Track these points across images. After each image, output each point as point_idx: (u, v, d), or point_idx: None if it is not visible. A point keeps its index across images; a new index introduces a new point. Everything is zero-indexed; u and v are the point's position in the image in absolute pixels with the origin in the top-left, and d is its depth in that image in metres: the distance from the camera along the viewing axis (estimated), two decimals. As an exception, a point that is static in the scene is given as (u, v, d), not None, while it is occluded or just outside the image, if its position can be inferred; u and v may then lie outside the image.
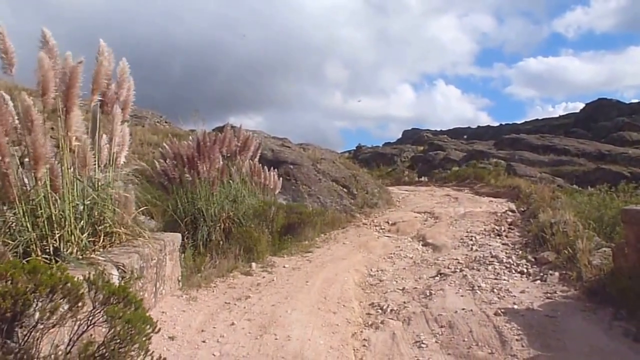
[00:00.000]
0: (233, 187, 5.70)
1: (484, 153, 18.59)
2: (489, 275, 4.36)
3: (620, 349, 2.59)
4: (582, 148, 22.89)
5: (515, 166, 13.48)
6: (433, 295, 3.81)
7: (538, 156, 20.31)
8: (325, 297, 3.64)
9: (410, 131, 36.78)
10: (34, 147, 2.32)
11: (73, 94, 2.50)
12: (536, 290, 3.84)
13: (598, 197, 6.76)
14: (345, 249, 5.92)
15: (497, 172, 12.63)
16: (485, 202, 9.99)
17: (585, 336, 2.81)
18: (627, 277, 3.18)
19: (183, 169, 5.20)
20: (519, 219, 7.63)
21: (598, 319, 3.06)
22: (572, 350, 2.62)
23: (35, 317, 1.43)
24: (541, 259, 4.72)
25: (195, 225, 5.07)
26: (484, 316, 3.19)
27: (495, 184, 11.63)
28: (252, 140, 6.01)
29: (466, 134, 33.37)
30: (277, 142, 9.59)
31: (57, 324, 1.42)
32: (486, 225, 7.41)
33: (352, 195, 8.64)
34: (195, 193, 5.20)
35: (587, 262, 3.93)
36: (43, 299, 1.36)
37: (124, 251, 2.47)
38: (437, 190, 12.38)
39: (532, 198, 8.45)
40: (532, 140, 21.18)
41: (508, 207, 9.00)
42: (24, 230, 2.37)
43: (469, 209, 8.86)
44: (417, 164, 18.88)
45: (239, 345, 2.50)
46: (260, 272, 4.34)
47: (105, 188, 2.76)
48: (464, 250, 5.71)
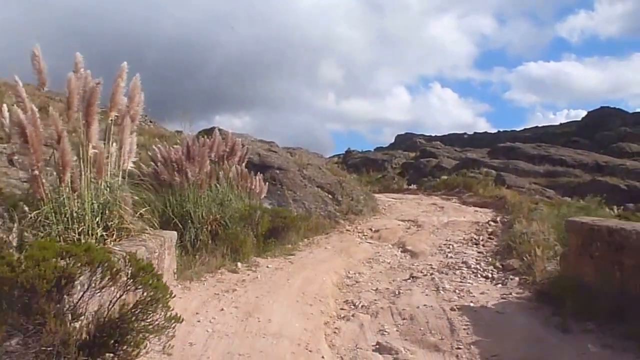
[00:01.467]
0: (220, 191, 6.39)
1: (477, 162, 19.47)
2: (456, 278, 5.13)
3: (548, 337, 3.35)
4: (579, 159, 23.91)
5: (505, 176, 14.35)
6: (401, 294, 4.56)
7: (533, 166, 21.24)
8: (303, 292, 4.36)
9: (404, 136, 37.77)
10: (62, 155, 3.02)
11: (93, 111, 3.19)
12: (495, 292, 4.61)
13: (568, 208, 7.58)
14: (326, 253, 6.65)
15: (485, 182, 13.47)
16: (471, 211, 10.79)
17: (523, 328, 3.57)
18: (567, 279, 3.96)
19: (172, 172, 5.88)
20: (499, 229, 8.44)
21: (539, 315, 3.83)
22: (508, 337, 3.37)
23: (87, 283, 2.14)
24: (507, 266, 5.50)
25: (183, 226, 5.75)
26: (441, 311, 3.95)
27: (483, 194, 12.46)
28: (240, 145, 6.72)
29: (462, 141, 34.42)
30: (264, 146, 10.30)
31: (103, 288, 2.12)
32: (466, 234, 8.20)
33: (337, 202, 9.37)
34: (183, 196, 5.88)
35: (543, 267, 4.71)
36: (94, 270, 2.07)
37: (132, 244, 3.16)
38: (425, 199, 13.18)
39: (514, 209, 9.27)
40: (527, 150, 22.15)
41: (492, 217, 9.81)
42: (51, 223, 3.06)
43: (453, 218, 9.66)
44: (408, 170, 19.72)
45: (228, 325, 3.22)
46: (246, 270, 5.05)
47: (115, 190, 3.46)
48: (439, 257, 6.48)
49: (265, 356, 2.81)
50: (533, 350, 3.12)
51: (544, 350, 3.12)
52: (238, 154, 6.64)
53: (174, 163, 5.81)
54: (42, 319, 1.95)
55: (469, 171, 15.84)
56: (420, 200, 13.03)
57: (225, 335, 3.06)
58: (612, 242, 3.44)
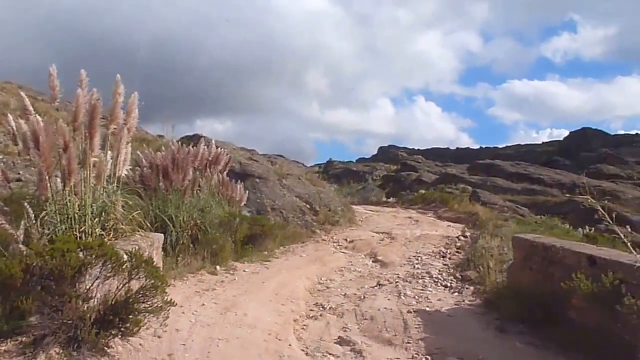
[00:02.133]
0: (202, 198, 6.96)
1: (456, 177, 20.35)
2: (418, 286, 5.78)
3: (486, 336, 4.01)
4: (557, 178, 25.03)
5: (480, 193, 15.17)
6: (366, 299, 5.19)
7: (511, 184, 22.22)
8: (277, 294, 4.96)
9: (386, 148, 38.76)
10: (69, 163, 3.58)
11: (95, 124, 3.76)
12: (450, 299, 5.27)
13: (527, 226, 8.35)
14: (301, 260, 7.25)
15: (461, 198, 14.26)
16: (444, 226, 11.52)
17: (467, 328, 4.23)
18: (510, 288, 4.64)
19: (157, 178, 6.42)
20: (467, 244, 9.15)
21: (483, 319, 4.49)
22: (452, 335, 4.02)
23: (97, 272, 2.71)
24: (465, 277, 6.18)
25: (165, 230, 6.29)
26: (399, 313, 4.58)
27: (458, 210, 13.23)
28: (223, 155, 7.30)
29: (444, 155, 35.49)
30: (245, 155, 10.89)
31: (112, 276, 2.70)
32: (436, 247, 8.88)
33: (314, 212, 10.00)
34: (166, 201, 6.43)
35: (494, 278, 5.40)
36: (106, 261, 2.65)
37: (127, 243, 3.72)
38: (402, 212, 13.90)
39: (483, 225, 10.02)
40: (506, 167, 23.15)
41: (462, 232, 10.54)
42: (55, 223, 3.61)
43: (426, 231, 10.36)
44: (388, 183, 20.48)
45: (209, 317, 3.80)
46: (224, 273, 5.62)
47: (111, 194, 4.02)
48: (407, 268, 7.12)
49: (242, 342, 3.40)
50: (471, 346, 3.77)
51: (480, 346, 3.77)
52: (221, 164, 7.22)
53: (159, 169, 6.36)
54: (64, 299, 2.52)
55: (446, 186, 16.64)
56: (397, 213, 13.75)
57: (207, 325, 3.64)
58: (546, 256, 4.13)
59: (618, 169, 29.87)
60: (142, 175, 6.27)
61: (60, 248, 2.45)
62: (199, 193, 6.92)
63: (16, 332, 2.64)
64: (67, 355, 2.55)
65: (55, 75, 3.69)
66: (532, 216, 15.96)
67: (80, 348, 2.58)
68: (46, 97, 11.67)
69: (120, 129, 4.12)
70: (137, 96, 4.21)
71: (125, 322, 2.70)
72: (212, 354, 3.13)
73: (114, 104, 4.00)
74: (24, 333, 2.64)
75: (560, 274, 3.89)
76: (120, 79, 4.05)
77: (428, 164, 24.10)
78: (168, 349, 3.08)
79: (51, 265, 2.37)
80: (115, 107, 3.97)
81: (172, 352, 3.04)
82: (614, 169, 29.94)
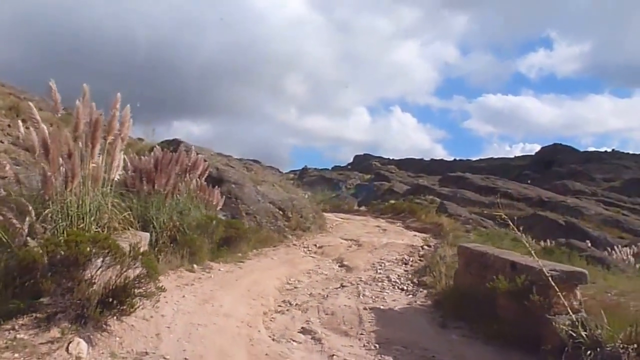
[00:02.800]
0: (181, 201, 7.55)
1: (427, 188, 21.29)
2: (377, 289, 6.50)
3: (429, 330, 4.75)
4: (524, 193, 26.27)
5: (447, 205, 16.08)
6: (329, 297, 5.87)
7: (479, 197, 23.32)
8: (249, 290, 5.61)
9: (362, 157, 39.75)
10: (73, 167, 4.17)
11: (97, 136, 4.36)
12: (404, 300, 6.00)
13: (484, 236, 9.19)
14: (272, 262, 7.90)
15: (429, 209, 15.11)
16: (410, 235, 12.31)
17: (413, 324, 4.95)
18: (454, 290, 5.40)
19: (141, 181, 6.99)
20: (430, 252, 9.94)
21: (430, 316, 5.22)
22: (400, 329, 4.74)
23: (99, 262, 3.33)
24: (421, 282, 6.92)
25: (146, 230, 6.84)
26: (356, 309, 5.28)
27: (425, 220, 14.06)
28: (202, 162, 7.92)
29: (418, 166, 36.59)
30: (222, 161, 11.48)
31: (112, 266, 3.32)
32: (400, 255, 9.63)
33: (287, 218, 10.65)
34: (147, 203, 7.00)
35: (444, 282, 6.15)
36: (109, 252, 3.27)
37: (120, 239, 4.32)
38: (371, 221, 14.66)
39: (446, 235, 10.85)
40: (476, 180, 24.25)
41: (427, 241, 11.35)
42: (57, 220, 4.19)
43: (392, 240, 11.12)
44: (361, 192, 21.27)
45: (189, 307, 4.42)
46: (201, 271, 6.23)
47: (106, 196, 4.61)
48: (370, 272, 7.83)
49: (218, 327, 4.04)
50: (414, 338, 4.49)
51: (422, 338, 4.49)
52: (200, 169, 7.83)
53: (143, 173, 6.93)
54: (74, 282, 3.13)
55: (416, 197, 17.50)
56: (367, 221, 14.51)
57: (187, 313, 4.27)
58: (481, 262, 4.89)
59: (583, 186, 31.43)
60: (127, 179, 6.81)
61: (74, 240, 3.06)
62: (179, 197, 7.50)
63: (31, 310, 3.24)
64: (75, 330, 3.16)
65: (56, 89, 4.29)
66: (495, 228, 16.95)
67: (86, 324, 3.19)
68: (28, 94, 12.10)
69: (115, 138, 4.72)
70: (129, 110, 4.82)
71: (122, 304, 3.32)
72: (192, 335, 3.76)
73: (111, 117, 4.60)
74: (37, 311, 3.24)
75: (490, 277, 4.64)
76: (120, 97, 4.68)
77: (401, 175, 25.05)
78: (155, 329, 3.70)
79: (68, 254, 2.98)
80: (113, 120, 4.58)
81: (159, 332, 3.66)
82: (580, 185, 31.46)
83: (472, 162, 41.24)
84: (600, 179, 40.86)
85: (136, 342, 3.40)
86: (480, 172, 34.59)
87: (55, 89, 4.34)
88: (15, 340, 2.95)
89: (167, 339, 3.56)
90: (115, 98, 4.67)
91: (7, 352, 2.81)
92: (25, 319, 3.19)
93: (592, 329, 3.55)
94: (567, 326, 3.59)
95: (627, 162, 41.80)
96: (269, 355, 3.70)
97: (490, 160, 42.27)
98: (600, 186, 38.59)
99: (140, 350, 3.30)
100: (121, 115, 4.86)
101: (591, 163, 42.70)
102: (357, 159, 39.20)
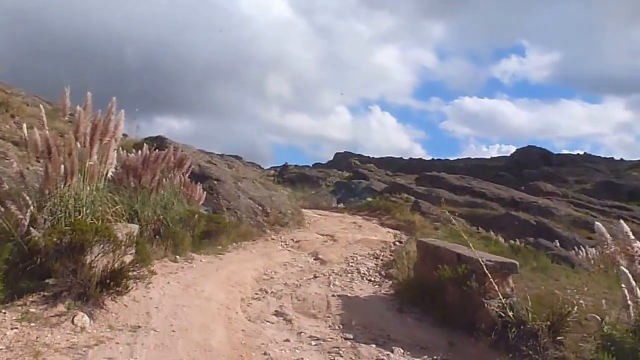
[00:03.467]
0: (165, 196, 8.07)
1: (404, 187, 22.04)
2: (346, 279, 7.13)
3: (387, 314, 5.39)
4: (498, 193, 27.22)
5: (421, 203, 16.81)
6: (302, 286, 6.49)
7: (454, 196, 24.16)
8: (228, 279, 6.19)
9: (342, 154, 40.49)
10: (72, 164, 4.70)
11: (95, 138, 4.89)
12: (370, 289, 6.64)
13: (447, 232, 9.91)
14: (251, 255, 8.48)
15: (403, 207, 15.84)
16: (384, 232, 13.00)
17: (375, 309, 5.60)
18: (413, 280, 6.06)
19: (127, 176, 7.49)
20: (401, 248, 10.63)
21: (390, 303, 5.87)
22: (362, 313, 5.37)
23: (100, 249, 3.88)
24: (388, 274, 7.58)
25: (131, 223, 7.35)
26: (325, 297, 5.91)
27: (399, 218, 14.77)
28: (187, 159, 8.45)
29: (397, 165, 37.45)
30: (204, 157, 12.01)
31: (110, 252, 3.88)
32: (372, 250, 10.29)
33: (265, 214, 11.23)
34: (133, 197, 7.51)
35: (407, 274, 6.81)
36: (108, 240, 3.82)
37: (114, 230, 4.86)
38: (348, 218, 15.33)
39: (416, 232, 11.56)
40: (451, 180, 25.10)
41: (400, 238, 12.04)
42: (57, 211, 4.72)
43: (366, 236, 11.78)
44: (340, 189, 21.93)
45: (174, 291, 4.99)
46: (183, 261, 6.78)
47: (100, 190, 5.15)
48: (343, 265, 8.47)
49: (200, 308, 4.63)
50: (374, 320, 5.13)
51: (380, 320, 5.14)
52: (184, 167, 8.36)
53: (131, 169, 7.44)
54: (78, 265, 3.68)
55: (392, 195, 18.21)
56: (344, 218, 15.16)
57: (173, 296, 4.84)
58: (435, 255, 5.56)
59: (555, 187, 32.61)
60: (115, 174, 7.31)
61: (80, 229, 3.61)
62: (163, 192, 8.02)
63: (39, 289, 3.78)
64: (77, 306, 3.72)
65: (67, 95, 4.82)
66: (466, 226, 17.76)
67: (87, 301, 3.75)
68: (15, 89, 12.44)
69: (110, 139, 5.26)
70: (123, 114, 5.36)
71: (118, 286, 3.88)
72: (177, 314, 4.33)
73: (106, 121, 5.13)
74: (44, 290, 3.79)
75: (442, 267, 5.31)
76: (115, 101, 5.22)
77: (379, 173, 25.81)
78: (145, 309, 4.26)
79: (75, 240, 3.53)
80: (108, 124, 5.11)
81: (148, 311, 4.23)
82: (551, 186, 32.61)
83: (451, 161, 42.35)
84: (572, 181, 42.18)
85: (130, 318, 3.97)
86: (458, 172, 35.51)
87: (67, 94, 4.87)
88: (28, 314, 3.50)
89: (156, 316, 4.13)
90: (111, 102, 5.19)
91: (23, 322, 3.36)
92: (35, 296, 3.74)
93: (518, 311, 4.23)
94: (498, 308, 4.26)
95: (598, 165, 43.35)
96: (245, 331, 4.31)
97: (467, 161, 43.42)
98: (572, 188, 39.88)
99: (134, 324, 3.86)
100: (116, 119, 5.38)
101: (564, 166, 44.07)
102: (337, 157, 39.98)
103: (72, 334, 3.40)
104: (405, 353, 4.23)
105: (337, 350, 4.15)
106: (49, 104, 14.46)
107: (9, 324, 3.31)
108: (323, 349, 4.19)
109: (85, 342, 3.33)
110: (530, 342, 3.99)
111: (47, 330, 3.35)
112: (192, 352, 3.54)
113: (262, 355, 3.83)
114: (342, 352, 4.13)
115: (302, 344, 4.30)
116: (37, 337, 3.21)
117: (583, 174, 41.22)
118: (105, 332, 3.60)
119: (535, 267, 9.32)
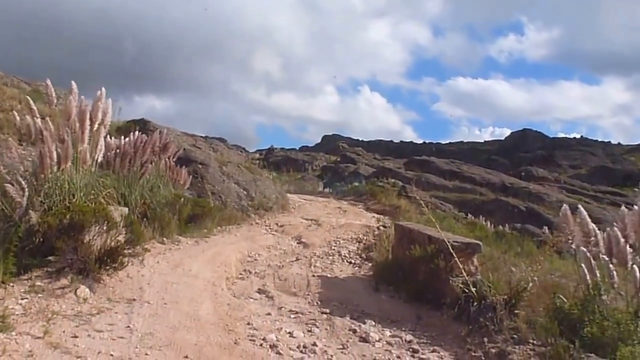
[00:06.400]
0: (150, 180, 8.63)
1: (392, 171, 22.73)
2: (327, 261, 7.79)
3: (363, 292, 6.06)
4: (488, 178, 28.03)
5: (408, 188, 17.52)
6: (284, 268, 7.13)
7: (443, 181, 24.94)
8: (214, 260, 6.81)
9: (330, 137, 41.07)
10: (65, 150, 5.25)
11: (85, 125, 5.44)
12: (349, 271, 7.31)
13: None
14: (235, 238, 9.09)
15: (389, 192, 16.53)
16: (369, 217, 13.68)
17: (352, 288, 6.26)
18: (389, 261, 6.73)
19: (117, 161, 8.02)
20: (384, 232, 11.31)
21: (367, 283, 6.54)
22: (340, 291, 6.03)
23: (97, 229, 4.47)
24: (368, 257, 8.25)
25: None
26: (305, 277, 6.56)
27: (385, 202, 15.46)
28: (172, 144, 9.00)
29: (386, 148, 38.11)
30: (189, 141, 12.53)
31: (106, 232, 4.47)
32: (356, 234, 10.95)
33: (250, 198, 11.84)
34: (121, 181, 8.06)
35: (386, 256, 7.48)
36: (105, 220, 4.41)
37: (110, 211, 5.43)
38: (333, 202, 15.98)
39: (401, 217, 12.25)
40: (440, 165, 25.85)
41: (384, 223, 12.73)
42: (52, 195, 5.27)
43: (350, 220, 12.44)
44: (327, 174, 22.57)
45: (163, 269, 5.60)
46: (170, 244, 7.39)
47: (92, 174, 5.71)
48: (325, 249, 9.12)
49: (188, 285, 5.25)
50: (350, 297, 5.79)
51: (357, 297, 5.80)
52: (169, 151, 8.91)
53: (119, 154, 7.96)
54: (78, 243, 4.27)
55: (379, 180, 18.88)
56: (329, 203, 15.81)
57: (162, 274, 5.45)
58: (410, 237, 6.22)
59: (547, 172, 33.53)
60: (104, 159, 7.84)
61: (80, 210, 4.18)
62: (149, 176, 8.57)
63: (42, 265, 4.37)
64: (78, 280, 4.31)
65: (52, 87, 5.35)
66: (453, 212, 18.53)
67: (87, 276, 4.34)
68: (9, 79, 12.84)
69: (99, 126, 5.80)
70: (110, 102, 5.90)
71: (114, 262, 4.48)
72: (168, 289, 4.95)
73: (95, 109, 5.67)
74: (47, 266, 4.38)
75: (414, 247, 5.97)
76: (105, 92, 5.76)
77: (367, 157, 26.46)
78: (138, 284, 4.87)
79: (76, 220, 4.11)
80: (97, 111, 5.65)
81: (141, 286, 4.84)
82: (544, 171, 33.51)
83: (442, 145, 43.13)
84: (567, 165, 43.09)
85: (125, 291, 4.58)
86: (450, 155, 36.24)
87: (51, 86, 5.39)
88: (34, 287, 4.09)
89: (148, 291, 4.75)
90: (100, 92, 5.73)
91: (31, 294, 3.96)
92: (39, 272, 4.33)
93: (481, 287, 4.91)
94: (462, 285, 4.94)
95: (594, 149, 44.36)
96: (230, 304, 4.94)
97: (460, 144, 44.23)
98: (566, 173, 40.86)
99: (129, 297, 4.47)
100: (104, 107, 5.92)
101: (559, 149, 44.94)
102: (325, 139, 40.58)
103: (75, 304, 4.01)
104: (377, 325, 4.90)
105: (314, 322, 4.80)
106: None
107: (19, 295, 3.91)
108: (301, 321, 4.84)
109: (88, 310, 3.95)
110: (488, 314, 4.68)
111: (54, 301, 3.95)
112: (183, 321, 4.17)
113: (246, 325, 4.47)
114: (318, 323, 4.78)
115: (282, 316, 4.95)
116: (47, 305, 3.81)
117: (578, 158, 42.19)
118: (104, 304, 4.21)
119: (520, 253, 10.04)
